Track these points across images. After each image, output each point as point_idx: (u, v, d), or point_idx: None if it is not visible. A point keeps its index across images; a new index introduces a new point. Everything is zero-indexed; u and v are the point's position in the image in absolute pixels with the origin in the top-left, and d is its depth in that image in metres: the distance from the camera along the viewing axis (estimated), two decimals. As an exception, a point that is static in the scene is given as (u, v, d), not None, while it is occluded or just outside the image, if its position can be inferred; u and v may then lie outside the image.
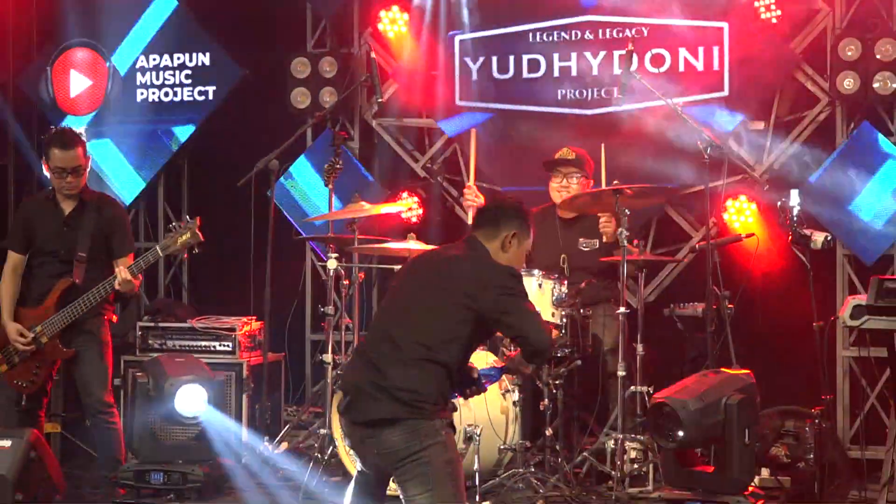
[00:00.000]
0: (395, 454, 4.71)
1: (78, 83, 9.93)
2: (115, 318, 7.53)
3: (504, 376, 7.17)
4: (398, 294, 5.16)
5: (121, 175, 9.84)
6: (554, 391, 7.22)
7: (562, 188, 7.83)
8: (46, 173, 7.33)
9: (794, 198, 7.13)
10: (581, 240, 7.75)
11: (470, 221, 7.84)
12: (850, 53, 8.19)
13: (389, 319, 5.03)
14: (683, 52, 8.71)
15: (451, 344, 4.83)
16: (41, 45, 10.04)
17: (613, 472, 6.96)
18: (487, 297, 4.83)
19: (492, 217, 5.19)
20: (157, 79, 9.84)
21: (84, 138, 7.53)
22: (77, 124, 9.39)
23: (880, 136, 8.26)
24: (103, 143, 9.82)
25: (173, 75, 9.80)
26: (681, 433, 6.31)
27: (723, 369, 6.82)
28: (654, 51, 8.73)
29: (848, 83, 8.20)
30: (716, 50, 8.64)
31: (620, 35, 8.71)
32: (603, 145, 7.91)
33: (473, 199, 7.93)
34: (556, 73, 9.00)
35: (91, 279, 7.19)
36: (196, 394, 7.20)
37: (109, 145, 9.85)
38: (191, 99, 9.75)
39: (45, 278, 7.30)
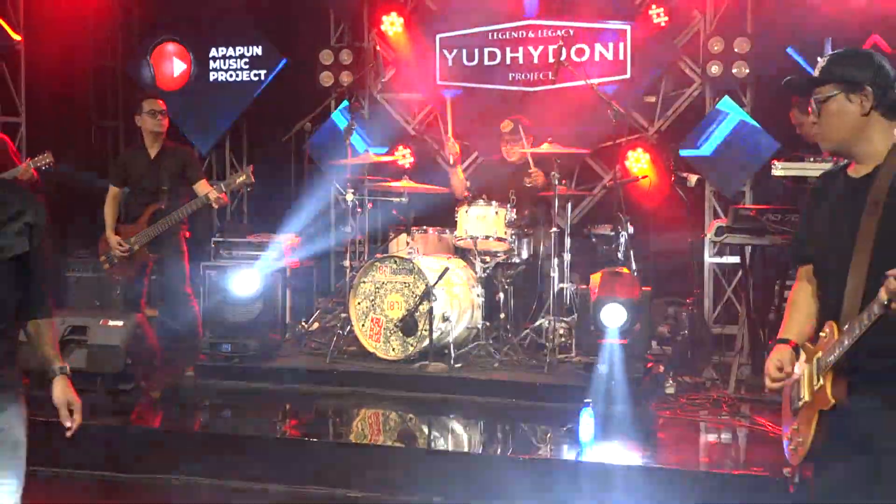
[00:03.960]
0: None
1: (172, 67, 9.74)
2: (188, 234, 7.48)
3: (468, 275, 7.14)
4: None
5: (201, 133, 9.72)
6: (506, 287, 7.20)
7: (507, 150, 7.73)
8: (139, 123, 7.26)
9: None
10: (526, 179, 7.67)
11: (451, 163, 7.93)
12: (716, 48, 8.15)
13: None
14: (598, 47, 8.58)
15: None
16: (141, 38, 9.88)
17: (547, 344, 6.93)
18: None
19: None
20: (224, 65, 9.69)
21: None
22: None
23: (736, 107, 8.19)
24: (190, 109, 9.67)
25: (236, 62, 9.66)
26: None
27: (616, 269, 6.79)
28: (578, 45, 8.60)
29: (714, 69, 8.16)
30: (621, 45, 8.53)
31: (553, 34, 8.59)
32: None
33: (453, 146, 7.89)
34: (508, 62, 8.89)
35: (172, 205, 7.16)
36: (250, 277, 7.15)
37: (194, 111, 9.71)
38: (248, 79, 9.59)
39: (137, 205, 7.29)
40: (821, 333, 2.96)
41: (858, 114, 2.97)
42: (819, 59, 3.11)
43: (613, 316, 6.25)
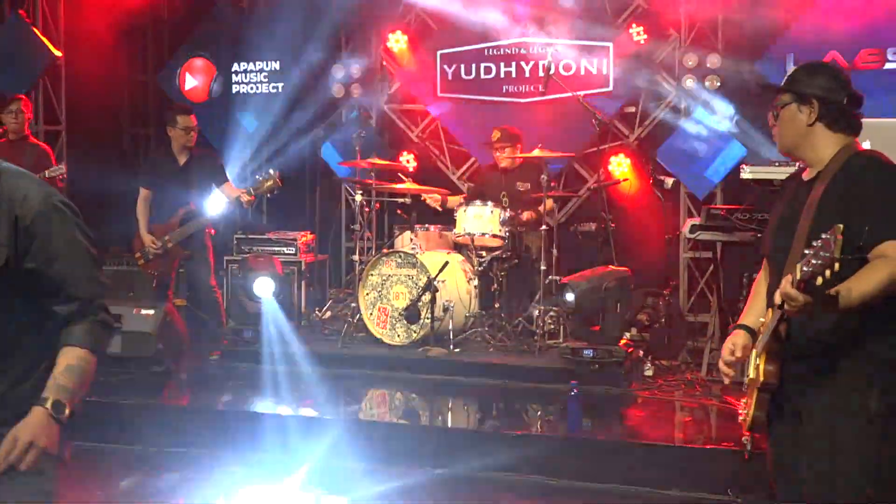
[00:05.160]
0: None
1: (197, 80, 9.73)
2: (213, 231, 7.46)
3: (466, 268, 7.13)
4: None
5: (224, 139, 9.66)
6: (500, 279, 7.19)
7: (498, 157, 7.71)
8: (170, 134, 7.23)
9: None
10: (517, 183, 7.67)
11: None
12: (690, 63, 8.10)
13: None
14: (584, 62, 8.54)
15: None
16: (171, 53, 9.86)
17: (537, 330, 6.94)
18: None
19: None
20: (245, 79, 9.67)
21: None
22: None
23: (708, 117, 8.12)
24: (215, 118, 9.65)
25: (256, 76, 9.63)
26: (572, 300, 6.34)
27: (610, 267, 6.80)
28: (565, 61, 8.54)
29: (689, 83, 8.12)
30: (605, 61, 8.49)
31: (543, 51, 8.52)
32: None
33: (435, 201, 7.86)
34: (502, 75, 8.83)
35: (201, 207, 7.15)
36: (266, 283, 7.13)
37: (219, 120, 9.68)
38: (267, 91, 9.56)
39: (168, 206, 7.24)
40: (761, 319, 3.02)
41: (805, 123, 3.01)
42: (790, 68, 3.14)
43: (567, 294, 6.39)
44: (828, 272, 2.47)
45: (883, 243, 2.75)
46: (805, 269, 2.52)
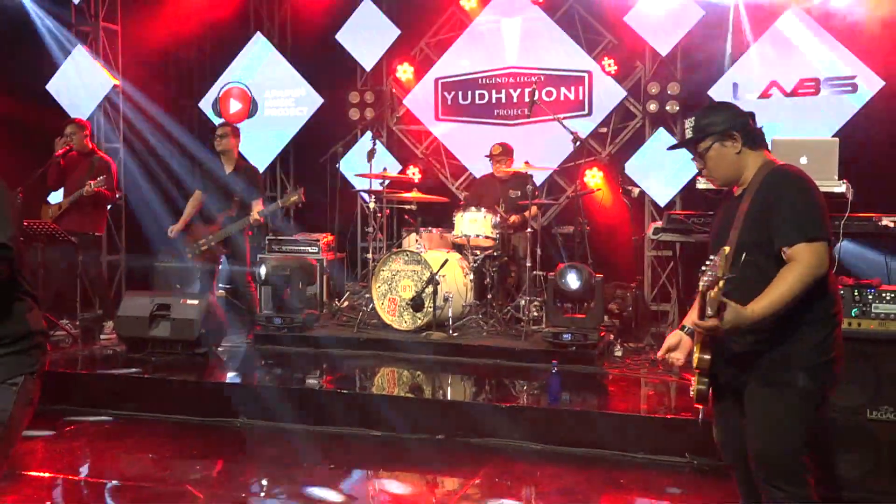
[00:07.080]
0: None
1: (234, 105, 9.70)
2: (251, 233, 7.45)
3: (463, 265, 7.12)
4: None
5: (258, 155, 9.65)
6: (492, 274, 7.19)
7: (496, 168, 7.68)
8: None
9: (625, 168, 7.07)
10: (510, 191, 7.66)
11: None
12: (654, 90, 8.07)
13: None
14: (563, 89, 8.54)
15: None
16: (212, 81, 9.85)
17: (524, 317, 6.94)
18: None
19: None
20: (276, 103, 9.65)
21: (235, 129, 7.39)
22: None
23: (669, 136, 8.13)
24: (250, 137, 9.63)
25: (285, 101, 9.61)
26: (578, 281, 6.38)
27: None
28: (547, 88, 8.55)
29: (652, 107, 8.09)
30: (581, 88, 8.49)
31: (528, 80, 8.52)
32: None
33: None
34: (493, 101, 8.83)
35: (241, 213, 7.14)
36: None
37: (253, 139, 9.66)
38: (294, 114, 9.52)
39: (214, 209, 7.24)
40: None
41: (734, 153, 3.00)
42: (686, 121, 3.11)
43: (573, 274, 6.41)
44: (716, 288, 2.62)
45: (794, 246, 2.79)
46: (702, 285, 2.65)
